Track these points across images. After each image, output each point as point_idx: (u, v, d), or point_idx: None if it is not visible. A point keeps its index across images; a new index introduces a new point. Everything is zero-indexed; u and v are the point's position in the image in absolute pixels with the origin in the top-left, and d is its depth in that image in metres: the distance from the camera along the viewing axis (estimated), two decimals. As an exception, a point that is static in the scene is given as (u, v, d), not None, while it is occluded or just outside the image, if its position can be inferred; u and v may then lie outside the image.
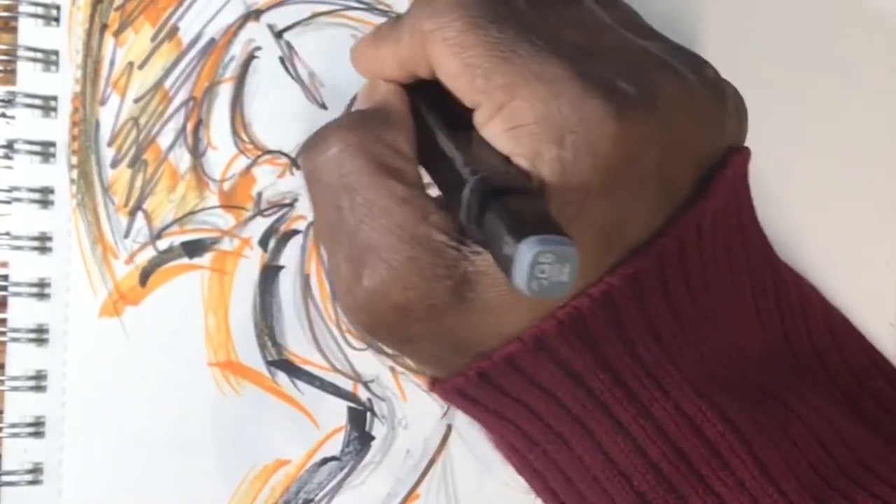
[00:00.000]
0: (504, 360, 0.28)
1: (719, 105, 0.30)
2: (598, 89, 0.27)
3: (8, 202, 0.37)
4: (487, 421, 0.31)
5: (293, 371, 0.38)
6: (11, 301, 0.37)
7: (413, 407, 0.38)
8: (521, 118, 0.27)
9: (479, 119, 0.28)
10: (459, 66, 0.28)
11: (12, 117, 0.37)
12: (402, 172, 0.29)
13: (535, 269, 0.23)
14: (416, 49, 0.30)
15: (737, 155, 0.31)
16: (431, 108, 0.31)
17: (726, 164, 0.30)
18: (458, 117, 0.29)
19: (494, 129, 0.28)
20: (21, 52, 0.37)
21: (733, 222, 0.31)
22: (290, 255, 0.38)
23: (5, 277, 0.37)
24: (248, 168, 0.38)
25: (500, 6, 0.29)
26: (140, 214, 0.38)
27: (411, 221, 0.28)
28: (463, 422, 0.38)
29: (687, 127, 0.29)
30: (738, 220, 0.31)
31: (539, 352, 0.28)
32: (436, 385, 0.31)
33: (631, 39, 0.30)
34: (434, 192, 0.30)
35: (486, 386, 0.29)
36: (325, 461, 0.38)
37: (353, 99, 0.38)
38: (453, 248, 0.28)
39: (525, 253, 0.23)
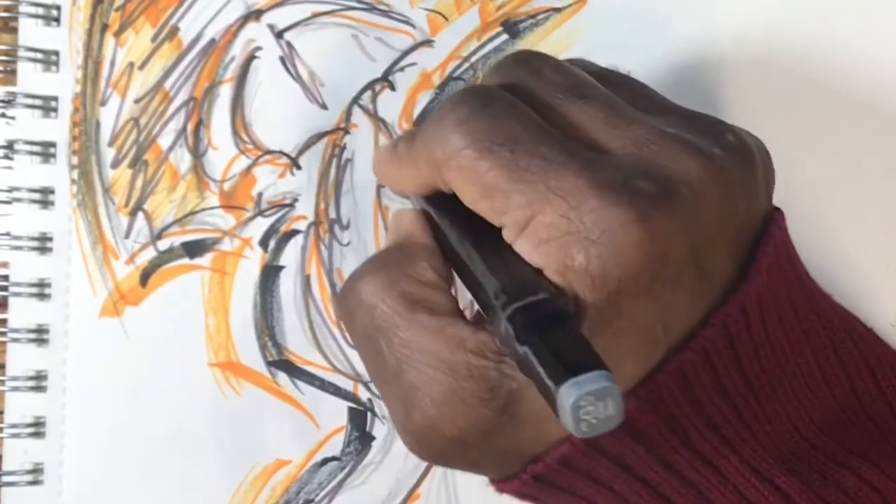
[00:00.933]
0: (557, 462, 0.28)
1: (748, 171, 0.29)
2: (616, 196, 0.27)
3: (8, 202, 0.37)
4: None
5: (294, 371, 0.38)
6: (12, 301, 0.37)
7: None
8: (545, 234, 0.27)
9: (506, 237, 0.28)
10: (478, 192, 0.28)
11: (12, 118, 0.37)
12: (433, 303, 0.29)
13: (580, 413, 0.23)
14: (432, 173, 0.30)
15: (774, 227, 0.30)
16: (455, 222, 0.31)
17: (766, 241, 0.30)
18: (477, 223, 0.29)
19: (522, 247, 0.28)
20: (21, 53, 0.37)
21: (783, 295, 0.30)
22: (290, 256, 0.38)
23: (6, 278, 0.37)
24: (249, 168, 0.38)
25: (506, 122, 0.28)
26: (140, 215, 0.38)
27: (447, 352, 0.28)
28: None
29: (717, 205, 0.28)
30: (787, 292, 0.31)
31: (591, 450, 0.28)
32: (494, 484, 0.31)
33: (646, 124, 0.29)
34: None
35: (542, 485, 0.30)
36: (325, 461, 0.38)
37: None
38: (494, 368, 0.28)
39: (565, 400, 0.23)
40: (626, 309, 0.27)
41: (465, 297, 0.33)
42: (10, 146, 0.37)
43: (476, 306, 0.30)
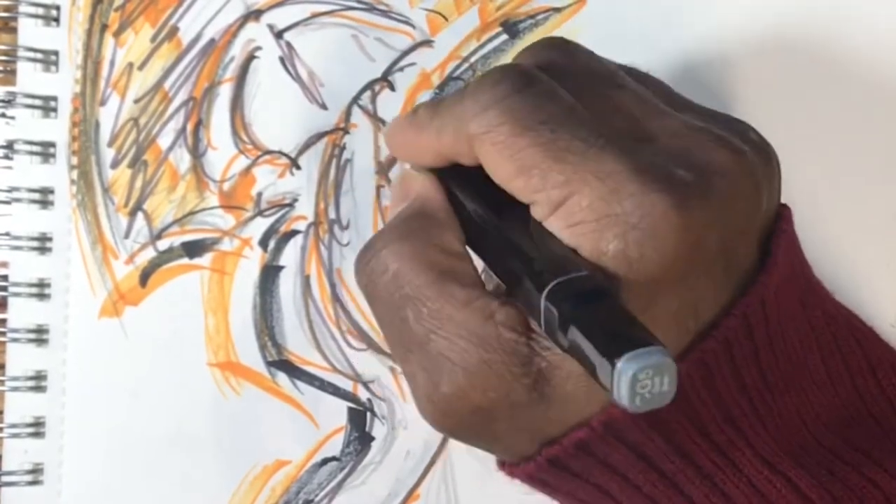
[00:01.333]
0: (574, 446, 0.28)
1: (770, 167, 0.30)
2: (656, 182, 0.27)
3: (8, 202, 0.37)
4: (561, 499, 0.32)
5: (293, 371, 0.38)
6: (11, 301, 0.37)
7: (413, 407, 0.38)
8: (581, 215, 0.27)
9: (536, 215, 0.28)
10: (513, 168, 0.28)
11: (12, 118, 0.37)
12: (459, 273, 0.29)
13: (637, 386, 0.23)
14: (460, 145, 0.29)
15: (784, 222, 0.31)
16: (476, 196, 0.30)
17: (779, 234, 0.30)
18: (498, 196, 0.29)
19: (554, 225, 0.27)
20: (21, 53, 0.37)
21: (793, 290, 0.31)
22: (290, 256, 0.38)
23: (5, 278, 0.37)
24: (248, 168, 0.38)
25: (548, 102, 0.28)
26: (140, 215, 0.38)
27: (478, 323, 0.28)
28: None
29: (747, 200, 0.29)
30: (796, 287, 0.31)
31: (608, 436, 0.28)
32: (505, 468, 0.31)
33: (678, 117, 0.29)
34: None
35: (556, 470, 0.30)
36: (325, 461, 0.38)
37: (351, 96, 0.38)
38: (524, 344, 0.28)
39: (623, 374, 0.23)
40: (661, 297, 0.27)
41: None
42: (9, 146, 0.37)
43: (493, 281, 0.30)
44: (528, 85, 0.29)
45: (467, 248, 0.31)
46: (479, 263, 0.31)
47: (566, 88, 0.29)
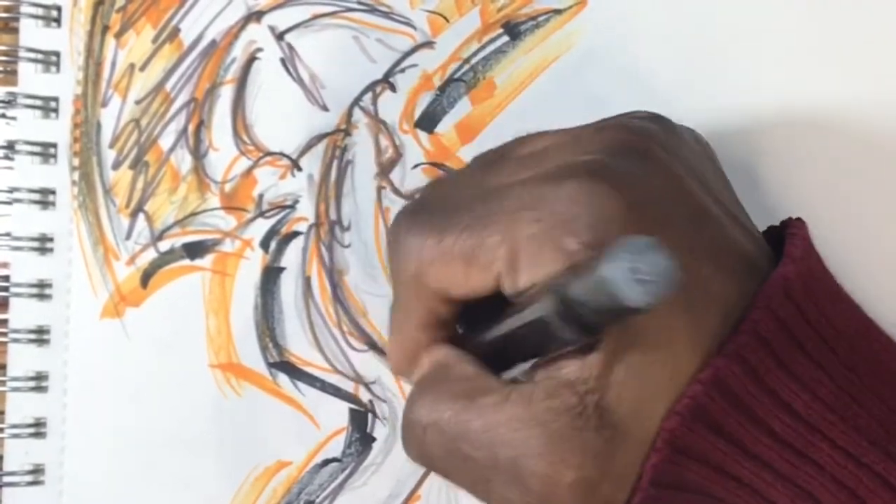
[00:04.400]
0: (650, 483, 0.28)
1: (674, 136, 0.31)
2: (562, 174, 0.28)
3: (9, 203, 0.37)
4: None
5: (294, 373, 0.38)
6: (12, 302, 0.37)
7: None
8: (533, 247, 0.28)
9: (507, 285, 0.29)
10: (461, 267, 0.29)
11: (13, 118, 0.37)
12: (483, 387, 0.29)
13: (635, 275, 0.23)
14: (422, 300, 0.31)
15: (794, 227, 0.31)
16: (469, 329, 0.32)
17: (790, 238, 0.30)
18: (474, 317, 0.31)
19: (526, 276, 0.28)
20: (22, 53, 0.37)
21: (822, 290, 0.31)
22: (291, 257, 0.38)
23: (6, 278, 0.37)
24: (250, 169, 0.38)
25: (437, 201, 0.30)
26: (141, 216, 0.38)
27: (524, 410, 0.28)
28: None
29: (664, 158, 0.29)
30: (826, 289, 0.31)
31: (676, 455, 0.28)
32: None
33: (561, 133, 0.31)
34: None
35: (658, 489, 0.29)
36: (326, 462, 0.38)
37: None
38: (571, 395, 0.27)
39: (616, 268, 0.23)
40: None
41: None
42: (10, 147, 0.37)
43: None
44: (417, 202, 0.31)
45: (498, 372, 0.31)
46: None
47: None
